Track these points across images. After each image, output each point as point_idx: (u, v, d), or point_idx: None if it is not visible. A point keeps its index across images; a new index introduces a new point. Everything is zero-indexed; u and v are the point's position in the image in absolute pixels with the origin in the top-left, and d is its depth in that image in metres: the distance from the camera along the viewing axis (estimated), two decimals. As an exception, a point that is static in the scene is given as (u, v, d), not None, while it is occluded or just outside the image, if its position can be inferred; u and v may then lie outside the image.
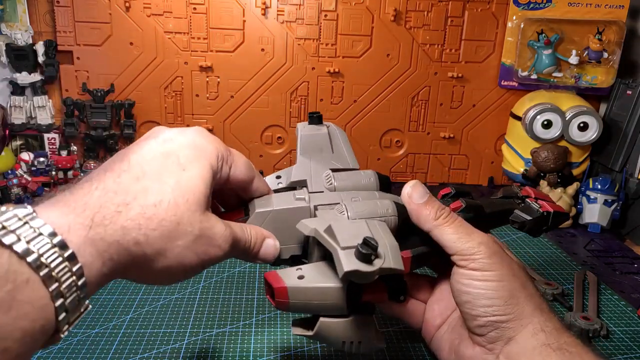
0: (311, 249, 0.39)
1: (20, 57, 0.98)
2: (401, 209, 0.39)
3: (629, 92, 0.96)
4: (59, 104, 1.02)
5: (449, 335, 0.41)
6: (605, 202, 0.87)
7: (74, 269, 0.25)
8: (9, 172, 0.92)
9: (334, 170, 0.43)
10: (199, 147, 0.33)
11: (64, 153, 0.97)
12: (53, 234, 0.24)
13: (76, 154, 0.98)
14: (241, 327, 0.55)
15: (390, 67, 1.04)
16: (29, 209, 0.25)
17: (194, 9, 0.98)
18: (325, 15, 1.00)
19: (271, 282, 0.35)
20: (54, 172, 0.96)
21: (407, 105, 1.06)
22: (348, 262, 0.31)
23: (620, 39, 0.97)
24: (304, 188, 0.41)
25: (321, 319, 0.36)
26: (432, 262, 0.46)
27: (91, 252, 0.26)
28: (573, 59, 0.98)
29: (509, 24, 1.01)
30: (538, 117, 0.94)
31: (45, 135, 1.02)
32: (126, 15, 0.98)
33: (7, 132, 0.98)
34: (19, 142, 1.02)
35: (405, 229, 0.40)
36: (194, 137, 0.33)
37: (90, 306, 0.27)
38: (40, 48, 0.98)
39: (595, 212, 0.87)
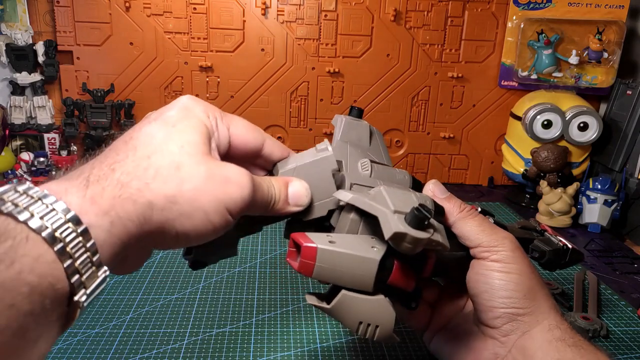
0: (341, 223, 0.36)
1: (20, 57, 0.98)
2: (437, 205, 0.38)
3: (629, 92, 0.96)
4: (59, 104, 1.02)
5: (448, 334, 0.42)
6: (605, 202, 0.87)
7: (88, 244, 0.24)
8: (9, 172, 0.93)
9: (371, 161, 0.41)
10: (187, 107, 0.32)
11: (64, 153, 0.97)
12: (67, 210, 0.24)
13: (76, 154, 0.98)
14: (241, 327, 0.55)
15: (390, 67, 1.04)
16: (43, 190, 0.25)
17: (194, 9, 0.98)
18: (325, 15, 1.00)
19: (299, 240, 0.33)
20: (54, 172, 0.96)
21: (407, 105, 1.06)
22: (398, 224, 0.30)
23: (620, 39, 0.97)
24: (325, 140, 0.38)
25: (343, 291, 0.34)
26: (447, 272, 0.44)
27: (95, 211, 0.25)
28: (573, 59, 0.98)
29: (509, 24, 1.01)
30: (538, 117, 0.94)
31: (45, 135, 1.02)
32: (126, 15, 0.98)
33: (7, 132, 0.98)
34: (19, 142, 1.02)
35: None
36: (181, 101, 0.32)
37: (108, 272, 0.25)
38: (40, 48, 0.98)
39: (595, 212, 0.87)
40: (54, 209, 0.23)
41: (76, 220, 0.24)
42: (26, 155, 0.97)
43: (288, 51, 1.02)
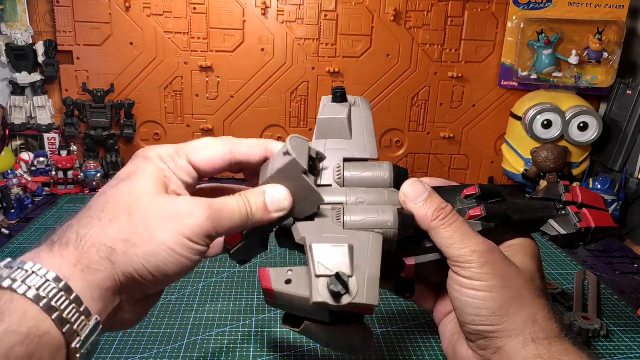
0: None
1: (20, 57, 0.98)
2: (405, 221, 0.37)
3: (629, 92, 0.96)
4: (59, 104, 1.02)
5: (451, 328, 0.41)
6: (605, 202, 0.87)
7: (60, 285, 0.26)
8: (9, 172, 0.92)
9: (347, 160, 0.40)
10: (140, 157, 0.34)
11: (64, 153, 0.97)
12: (23, 263, 0.27)
13: (76, 154, 0.98)
14: (241, 327, 0.55)
15: (390, 67, 1.04)
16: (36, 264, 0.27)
17: (194, 9, 0.98)
18: (325, 15, 1.00)
19: (261, 280, 0.35)
20: (54, 172, 0.96)
21: (407, 105, 1.06)
22: (317, 294, 0.32)
23: (620, 39, 0.97)
24: (290, 137, 0.38)
25: (306, 322, 0.36)
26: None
27: (67, 264, 0.27)
28: (573, 59, 0.98)
29: (509, 24, 1.01)
30: (538, 117, 0.94)
31: (45, 135, 1.02)
32: (126, 15, 0.98)
33: (7, 132, 0.98)
34: (19, 142, 1.02)
35: (418, 232, 0.38)
36: (136, 155, 0.35)
37: (98, 319, 0.28)
38: (40, 48, 0.98)
39: (595, 212, 0.87)
40: (34, 272, 0.26)
41: (57, 280, 0.26)
42: (26, 155, 0.97)
43: (288, 51, 1.02)
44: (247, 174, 0.40)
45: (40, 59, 0.99)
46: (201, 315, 0.57)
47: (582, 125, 0.94)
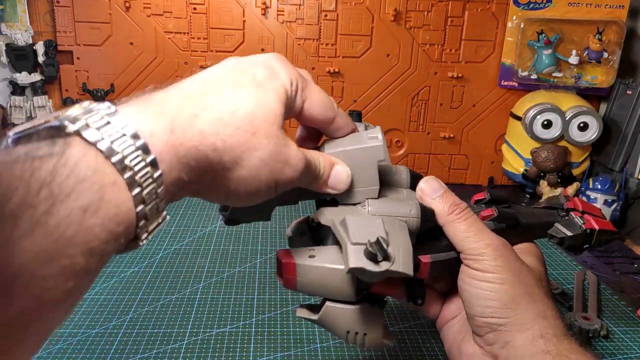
0: (327, 235, 0.37)
1: (20, 57, 0.98)
2: (426, 212, 0.38)
3: (629, 92, 0.96)
4: (59, 104, 1.02)
5: (457, 328, 0.41)
6: (605, 202, 0.87)
7: (155, 175, 0.24)
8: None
9: None
10: (275, 68, 0.31)
11: (64, 153, 0.97)
12: (136, 136, 0.23)
13: (76, 154, 0.98)
14: (241, 327, 0.55)
15: (390, 67, 1.04)
16: (112, 107, 0.24)
17: (194, 9, 0.98)
18: (325, 15, 1.00)
19: (281, 257, 0.34)
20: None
21: (407, 105, 1.06)
22: (355, 259, 0.31)
23: (620, 39, 0.97)
24: (378, 127, 0.38)
25: (327, 302, 0.35)
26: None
27: (171, 158, 0.25)
28: (573, 59, 0.98)
29: (509, 24, 1.01)
30: (538, 117, 0.94)
31: (45, 135, 1.02)
32: (126, 15, 0.98)
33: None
34: (19, 142, 1.02)
35: (433, 232, 0.38)
36: (270, 58, 0.32)
37: (168, 217, 0.26)
38: (40, 48, 0.98)
39: (595, 212, 0.87)
40: (138, 155, 0.23)
41: (154, 166, 0.23)
42: (26, 155, 0.97)
43: (288, 51, 1.02)
44: (301, 138, 0.39)
45: (40, 59, 0.99)
46: (201, 315, 0.57)
47: (582, 125, 0.94)
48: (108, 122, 0.23)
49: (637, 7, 0.99)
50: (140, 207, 0.23)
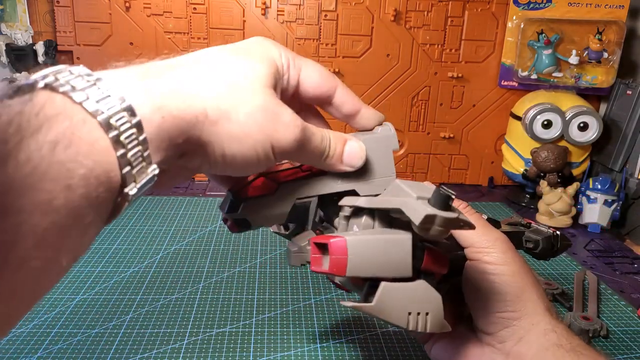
0: (329, 228, 0.36)
1: (20, 57, 0.98)
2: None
3: (629, 92, 0.96)
4: (59, 104, 1.02)
5: (451, 342, 0.41)
6: (605, 202, 0.87)
7: (134, 121, 0.23)
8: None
9: None
10: (259, 41, 0.32)
11: (64, 153, 0.97)
12: (99, 79, 0.24)
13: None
14: (241, 327, 0.55)
15: (390, 67, 1.04)
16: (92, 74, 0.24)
17: (194, 9, 0.98)
18: (325, 15, 1.00)
19: (324, 239, 0.31)
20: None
21: (407, 105, 1.06)
22: (426, 208, 0.28)
23: (620, 39, 0.97)
24: (389, 123, 0.37)
25: (383, 283, 0.31)
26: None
27: (151, 105, 0.24)
28: (573, 59, 0.98)
29: (509, 24, 1.01)
30: (538, 117, 0.94)
31: (45, 135, 1.02)
32: (126, 15, 0.98)
33: (7, 132, 0.98)
34: (19, 142, 1.02)
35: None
36: (255, 38, 0.32)
37: (157, 171, 0.24)
38: (40, 48, 0.98)
39: (595, 212, 0.87)
40: (109, 95, 0.23)
41: (131, 111, 0.23)
42: (26, 155, 0.97)
43: (288, 51, 1.02)
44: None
45: (40, 59, 0.99)
46: (201, 315, 0.57)
47: (582, 125, 0.94)
48: (94, 83, 0.23)
49: (637, 7, 0.99)
50: (121, 151, 0.22)
